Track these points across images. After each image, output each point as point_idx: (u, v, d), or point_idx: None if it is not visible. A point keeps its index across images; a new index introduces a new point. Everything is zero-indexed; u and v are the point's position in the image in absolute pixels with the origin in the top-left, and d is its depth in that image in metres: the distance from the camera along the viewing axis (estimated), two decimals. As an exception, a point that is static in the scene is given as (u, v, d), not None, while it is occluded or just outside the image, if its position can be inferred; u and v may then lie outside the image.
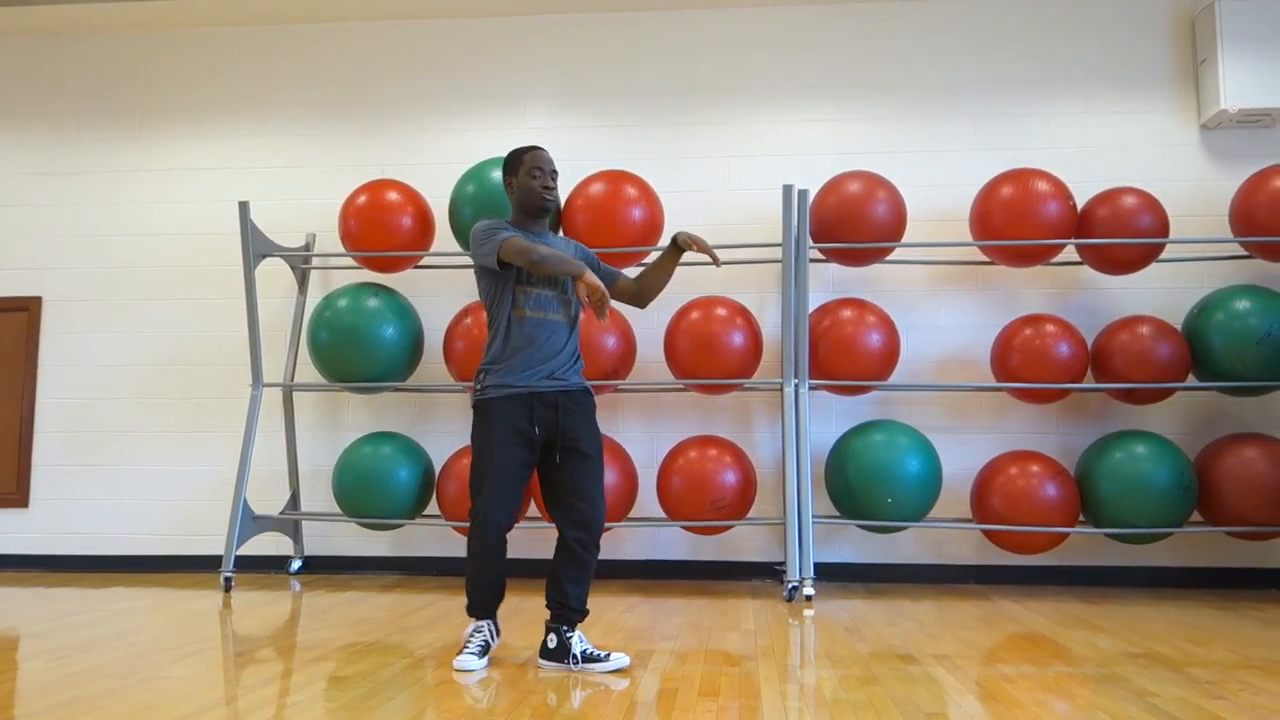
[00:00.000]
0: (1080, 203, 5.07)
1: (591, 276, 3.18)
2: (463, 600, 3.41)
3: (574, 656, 3.18)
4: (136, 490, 5.78)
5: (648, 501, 5.25)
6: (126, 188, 6.00)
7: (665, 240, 5.31)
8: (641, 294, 3.52)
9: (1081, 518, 4.93)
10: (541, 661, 3.26)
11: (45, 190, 6.04)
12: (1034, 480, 4.78)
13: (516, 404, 3.27)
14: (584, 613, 3.29)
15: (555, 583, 3.26)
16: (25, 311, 5.96)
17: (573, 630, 3.24)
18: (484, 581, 3.29)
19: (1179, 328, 5.01)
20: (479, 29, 5.88)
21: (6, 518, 5.82)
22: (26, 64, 6.13)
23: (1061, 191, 4.92)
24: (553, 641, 3.24)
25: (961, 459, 5.26)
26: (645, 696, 2.84)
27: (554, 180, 3.39)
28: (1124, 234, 4.87)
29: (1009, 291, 5.42)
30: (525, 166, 3.35)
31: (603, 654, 3.21)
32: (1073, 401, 5.27)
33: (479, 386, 3.34)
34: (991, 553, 5.15)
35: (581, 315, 3.52)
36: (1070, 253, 5.20)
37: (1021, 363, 4.88)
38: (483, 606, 3.32)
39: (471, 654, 3.24)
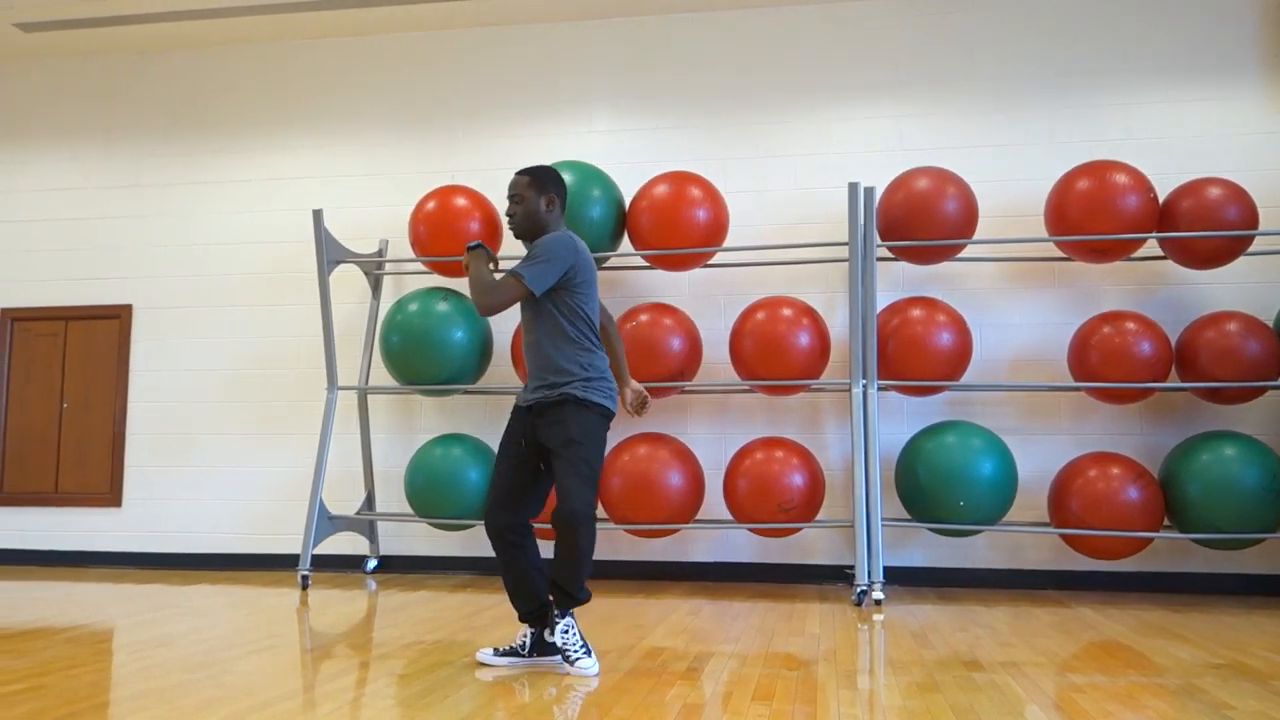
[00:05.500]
0: (1162, 195, 4.89)
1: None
2: None
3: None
4: (220, 490, 5.98)
5: (715, 503, 5.23)
6: (209, 199, 6.21)
7: (731, 240, 5.29)
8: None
9: (1166, 522, 4.75)
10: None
11: (133, 203, 6.29)
12: (1115, 483, 4.62)
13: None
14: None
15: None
16: (117, 319, 6.22)
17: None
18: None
19: (1269, 324, 4.79)
20: (539, 35, 5.93)
21: (101, 517, 6.09)
22: (113, 82, 6.40)
23: (1141, 184, 4.75)
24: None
25: (1038, 461, 5.11)
26: (699, 699, 2.83)
27: (515, 204, 3.34)
28: (1209, 226, 4.67)
29: (1086, 288, 5.25)
30: None
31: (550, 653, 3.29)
32: (1156, 401, 5.08)
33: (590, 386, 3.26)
34: (1071, 558, 5.00)
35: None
36: (1152, 247, 5.01)
37: (1100, 361, 4.72)
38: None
39: (489, 650, 3.39)
